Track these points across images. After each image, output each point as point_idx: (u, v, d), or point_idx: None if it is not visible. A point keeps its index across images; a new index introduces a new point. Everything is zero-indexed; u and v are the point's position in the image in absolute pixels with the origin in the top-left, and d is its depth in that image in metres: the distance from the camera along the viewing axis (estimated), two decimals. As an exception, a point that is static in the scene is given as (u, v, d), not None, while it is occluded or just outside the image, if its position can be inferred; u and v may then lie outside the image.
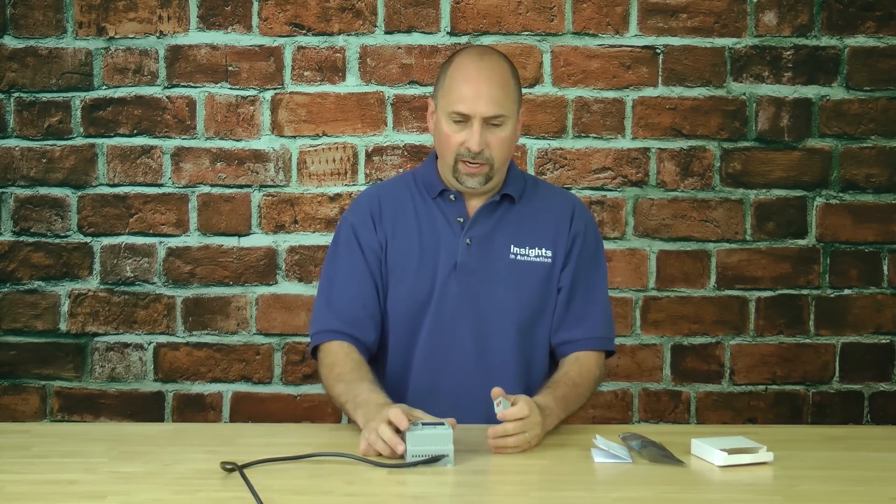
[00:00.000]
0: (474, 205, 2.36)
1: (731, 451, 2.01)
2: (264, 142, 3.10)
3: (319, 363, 2.34)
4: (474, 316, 2.32)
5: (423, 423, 2.00)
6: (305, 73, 3.08)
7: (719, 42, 3.08)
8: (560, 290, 2.37)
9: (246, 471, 1.91)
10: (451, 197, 2.35)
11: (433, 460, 1.97)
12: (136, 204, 3.11)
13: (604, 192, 3.10)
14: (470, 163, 2.27)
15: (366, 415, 2.09)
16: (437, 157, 2.38)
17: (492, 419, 2.08)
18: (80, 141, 3.10)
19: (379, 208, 2.38)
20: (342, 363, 2.27)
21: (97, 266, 3.12)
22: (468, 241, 2.33)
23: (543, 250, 2.36)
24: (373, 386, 2.19)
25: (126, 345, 3.13)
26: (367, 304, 2.34)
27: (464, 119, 2.25)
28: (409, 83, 3.07)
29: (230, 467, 1.93)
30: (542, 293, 2.35)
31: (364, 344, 2.33)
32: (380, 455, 2.00)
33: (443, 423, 2.01)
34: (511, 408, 2.04)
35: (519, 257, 2.35)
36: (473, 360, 2.32)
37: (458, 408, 2.18)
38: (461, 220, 2.34)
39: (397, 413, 1.99)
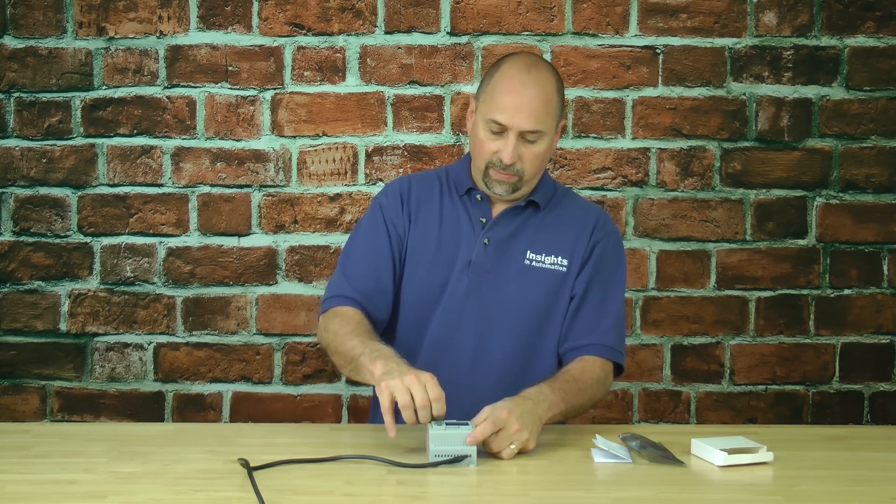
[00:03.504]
0: (499, 207, 2.39)
1: (731, 451, 2.01)
2: (264, 142, 3.10)
3: (326, 322, 2.29)
4: (480, 315, 2.33)
5: (447, 423, 2.00)
6: (305, 73, 3.08)
7: (719, 42, 3.08)
8: (573, 298, 2.35)
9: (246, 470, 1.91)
10: (478, 197, 2.38)
11: (456, 460, 1.97)
12: (136, 204, 3.11)
13: (604, 192, 3.10)
14: (501, 171, 2.30)
15: (387, 365, 2.05)
16: (470, 156, 2.41)
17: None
18: (80, 141, 3.10)
19: (409, 193, 2.42)
20: (357, 323, 2.24)
21: (97, 266, 3.12)
22: (486, 241, 2.35)
23: (559, 258, 2.36)
24: (393, 350, 2.14)
25: (126, 345, 3.13)
26: (380, 279, 2.35)
27: (500, 129, 2.27)
28: (409, 83, 3.07)
29: (243, 463, 1.94)
30: (553, 301, 2.35)
31: (373, 317, 2.31)
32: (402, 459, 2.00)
33: (466, 423, 2.01)
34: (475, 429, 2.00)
35: (534, 263, 2.35)
36: (472, 358, 2.33)
37: (456, 402, 2.15)
38: (483, 220, 2.37)
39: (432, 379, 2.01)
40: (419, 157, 3.07)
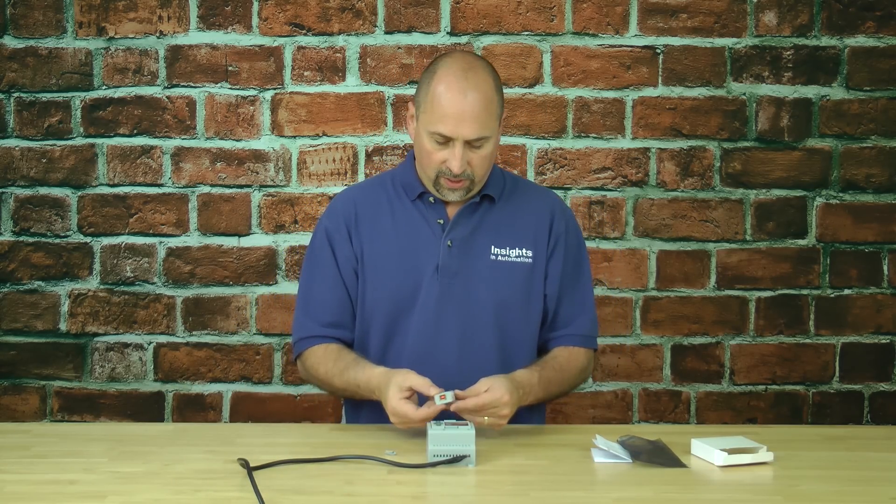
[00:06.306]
0: (454, 206, 2.37)
1: (731, 451, 2.01)
2: (264, 142, 3.10)
3: (304, 367, 2.42)
4: (457, 317, 2.34)
5: (446, 423, 2.02)
6: (305, 73, 3.08)
7: (719, 42, 3.08)
8: (547, 296, 2.39)
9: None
10: (431, 199, 2.36)
11: (455, 460, 1.98)
12: (136, 204, 3.11)
13: (604, 192, 3.10)
14: (451, 179, 2.28)
15: (382, 395, 2.17)
16: (415, 158, 2.38)
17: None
18: (80, 141, 3.10)
19: (355, 214, 2.40)
20: (323, 362, 2.35)
21: (97, 266, 3.12)
22: (449, 243, 2.34)
23: (524, 251, 2.38)
24: (361, 365, 2.27)
25: (126, 345, 3.13)
26: (342, 309, 2.39)
27: (445, 140, 2.25)
28: (409, 83, 3.07)
29: (243, 463, 1.94)
30: (524, 293, 2.37)
31: (343, 341, 2.39)
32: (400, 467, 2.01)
33: (466, 423, 2.02)
34: (475, 398, 2.09)
35: (500, 258, 2.36)
36: (457, 361, 2.33)
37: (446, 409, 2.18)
38: (441, 221, 2.36)
39: (395, 391, 2.11)
40: (419, 157, 3.07)
